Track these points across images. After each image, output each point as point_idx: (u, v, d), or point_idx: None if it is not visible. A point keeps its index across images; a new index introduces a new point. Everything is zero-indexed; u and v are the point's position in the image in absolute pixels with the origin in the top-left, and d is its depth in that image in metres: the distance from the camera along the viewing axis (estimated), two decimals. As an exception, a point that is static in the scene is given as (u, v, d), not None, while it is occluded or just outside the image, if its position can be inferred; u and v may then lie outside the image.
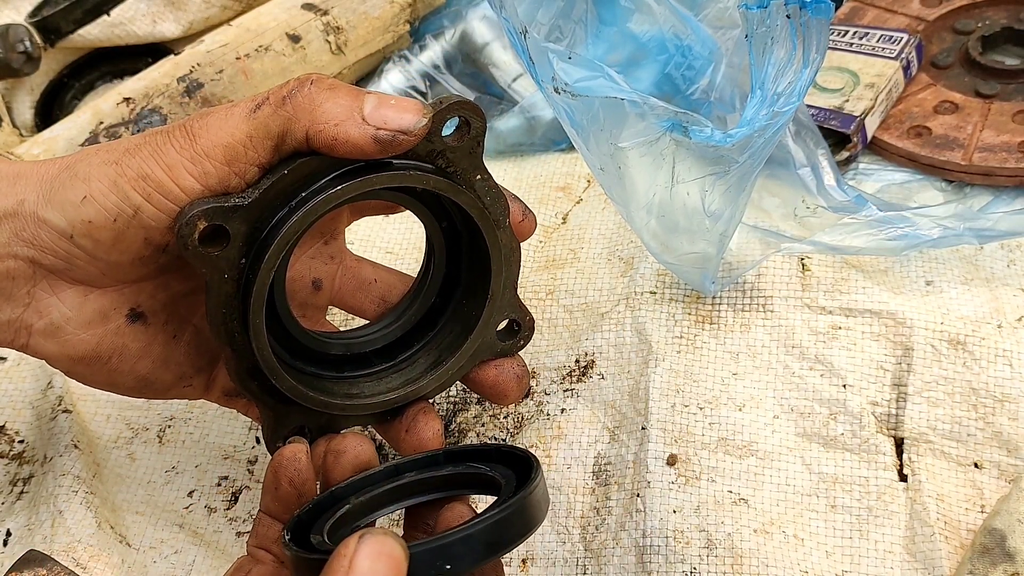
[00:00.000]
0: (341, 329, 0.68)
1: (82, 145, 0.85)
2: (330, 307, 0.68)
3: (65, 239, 0.53)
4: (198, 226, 0.50)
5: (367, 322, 0.66)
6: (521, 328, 0.63)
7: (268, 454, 0.72)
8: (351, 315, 0.70)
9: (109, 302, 0.56)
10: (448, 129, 0.54)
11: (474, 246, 0.60)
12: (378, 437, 0.70)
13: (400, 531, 0.57)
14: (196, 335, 0.59)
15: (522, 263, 0.63)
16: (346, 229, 0.68)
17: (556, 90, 0.59)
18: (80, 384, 0.59)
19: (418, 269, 0.65)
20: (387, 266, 0.68)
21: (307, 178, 0.52)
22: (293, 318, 0.60)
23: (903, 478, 0.64)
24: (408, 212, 0.61)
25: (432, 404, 0.62)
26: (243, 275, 0.53)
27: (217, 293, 0.53)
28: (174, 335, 0.58)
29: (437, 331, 0.63)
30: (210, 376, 0.61)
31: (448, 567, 0.45)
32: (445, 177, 0.55)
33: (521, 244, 0.61)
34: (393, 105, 0.51)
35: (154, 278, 0.56)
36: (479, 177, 0.56)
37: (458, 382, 0.63)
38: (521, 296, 0.62)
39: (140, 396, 0.60)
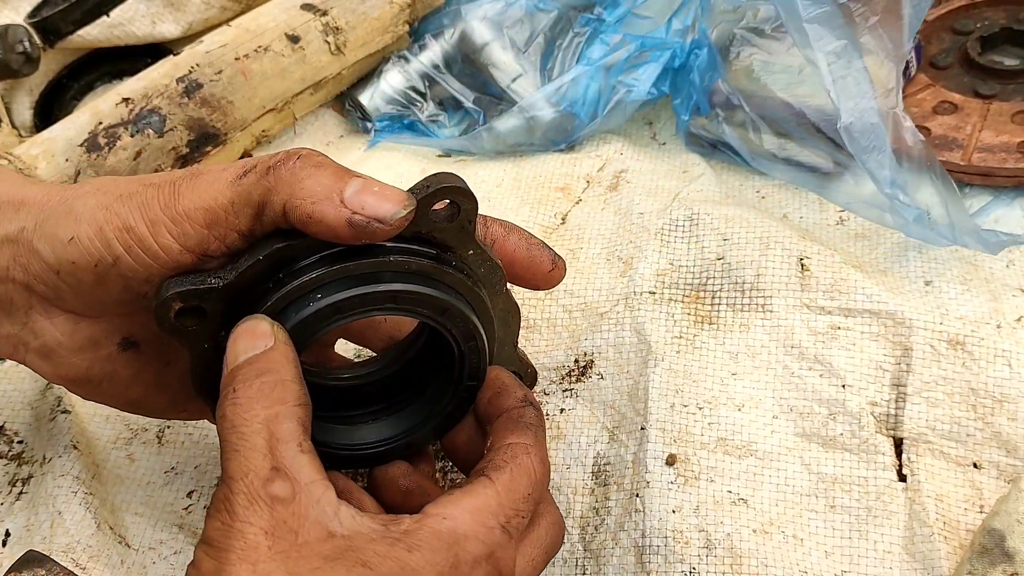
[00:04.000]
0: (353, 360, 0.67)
1: (80, 146, 0.85)
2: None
3: (53, 273, 0.53)
4: (173, 307, 0.50)
5: (363, 361, 0.65)
6: (523, 378, 0.62)
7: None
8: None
9: (100, 331, 0.56)
10: (439, 204, 0.53)
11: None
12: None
13: None
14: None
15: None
16: None
17: None
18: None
19: None
20: None
21: (284, 260, 0.51)
22: None
23: (902, 478, 0.64)
24: None
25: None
26: (222, 347, 0.52)
27: (198, 361, 0.53)
28: (167, 362, 0.58)
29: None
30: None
31: (319, 296, 0.50)
32: (430, 259, 0.53)
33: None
34: (376, 192, 0.50)
35: (146, 311, 0.56)
36: (471, 252, 0.55)
37: None
38: (521, 296, 0.62)
39: (135, 413, 0.61)
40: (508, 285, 0.59)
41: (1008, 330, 0.67)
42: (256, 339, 0.50)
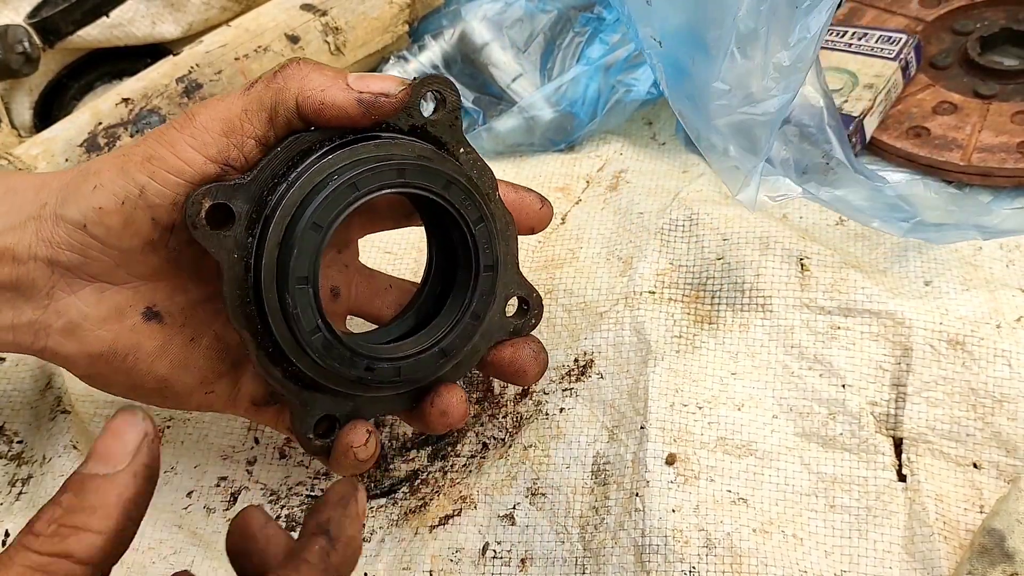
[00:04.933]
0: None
1: (80, 146, 0.85)
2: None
3: (79, 231, 0.55)
4: (203, 204, 0.53)
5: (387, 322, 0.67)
6: (530, 306, 0.64)
7: (271, 455, 0.73)
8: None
9: (125, 299, 0.58)
10: (427, 108, 0.58)
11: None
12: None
13: None
14: (216, 341, 0.60)
15: (520, 263, 0.63)
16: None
17: None
18: (79, 384, 0.60)
19: (420, 266, 0.66)
20: (399, 276, 0.70)
21: (301, 154, 0.55)
22: None
23: (902, 478, 0.64)
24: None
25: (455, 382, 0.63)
26: (252, 254, 0.54)
27: (230, 275, 0.54)
28: (192, 338, 0.59)
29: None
30: (234, 384, 0.61)
31: (335, 176, 0.55)
32: (430, 147, 0.58)
33: (519, 244, 0.62)
34: (375, 76, 0.56)
35: (170, 278, 0.58)
36: (463, 151, 0.60)
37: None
38: None
39: (163, 404, 0.61)
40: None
41: (1008, 330, 0.67)
42: (111, 456, 0.44)
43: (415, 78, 0.57)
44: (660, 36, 0.66)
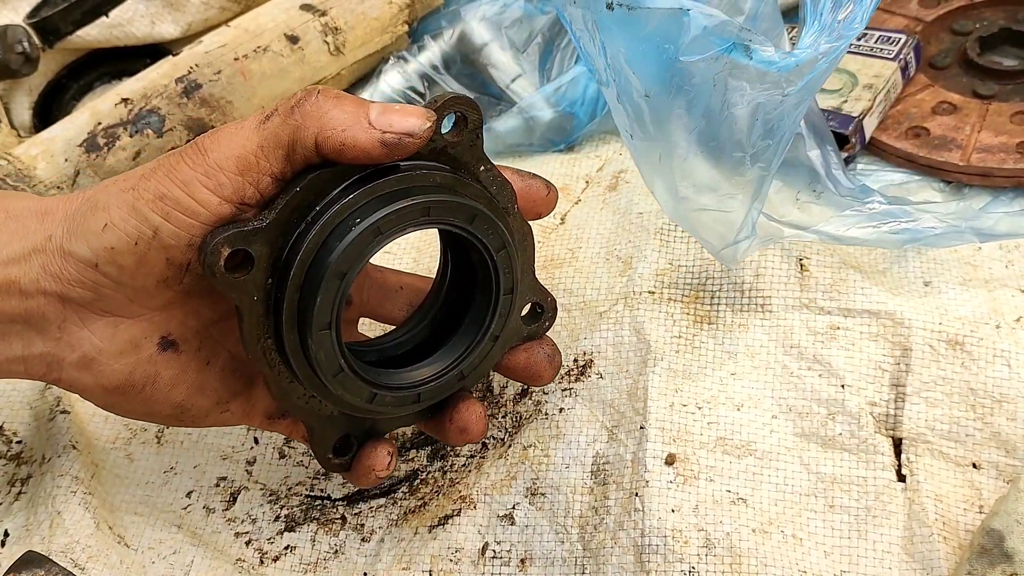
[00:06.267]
0: (371, 337, 0.68)
1: (80, 146, 0.85)
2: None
3: (91, 269, 0.53)
4: (222, 253, 0.51)
5: (394, 328, 0.67)
6: (544, 310, 0.64)
7: (270, 455, 0.73)
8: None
9: (140, 331, 0.56)
10: (447, 126, 0.55)
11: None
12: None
13: None
14: (230, 360, 0.60)
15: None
16: None
17: (609, 6, 0.58)
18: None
19: (419, 266, 0.65)
20: (408, 272, 0.69)
21: (320, 191, 0.53)
22: None
23: (901, 478, 0.64)
24: None
25: (471, 393, 0.64)
26: (271, 296, 0.53)
27: (249, 316, 0.53)
28: (207, 361, 0.59)
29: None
30: (248, 400, 0.61)
31: (358, 220, 0.52)
32: (450, 173, 0.56)
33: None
34: (397, 111, 0.52)
35: (182, 304, 0.57)
36: (483, 168, 0.58)
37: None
38: None
39: (179, 424, 0.61)
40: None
41: (1007, 330, 0.67)
42: None
43: (435, 100, 0.54)
44: (631, 131, 0.65)
